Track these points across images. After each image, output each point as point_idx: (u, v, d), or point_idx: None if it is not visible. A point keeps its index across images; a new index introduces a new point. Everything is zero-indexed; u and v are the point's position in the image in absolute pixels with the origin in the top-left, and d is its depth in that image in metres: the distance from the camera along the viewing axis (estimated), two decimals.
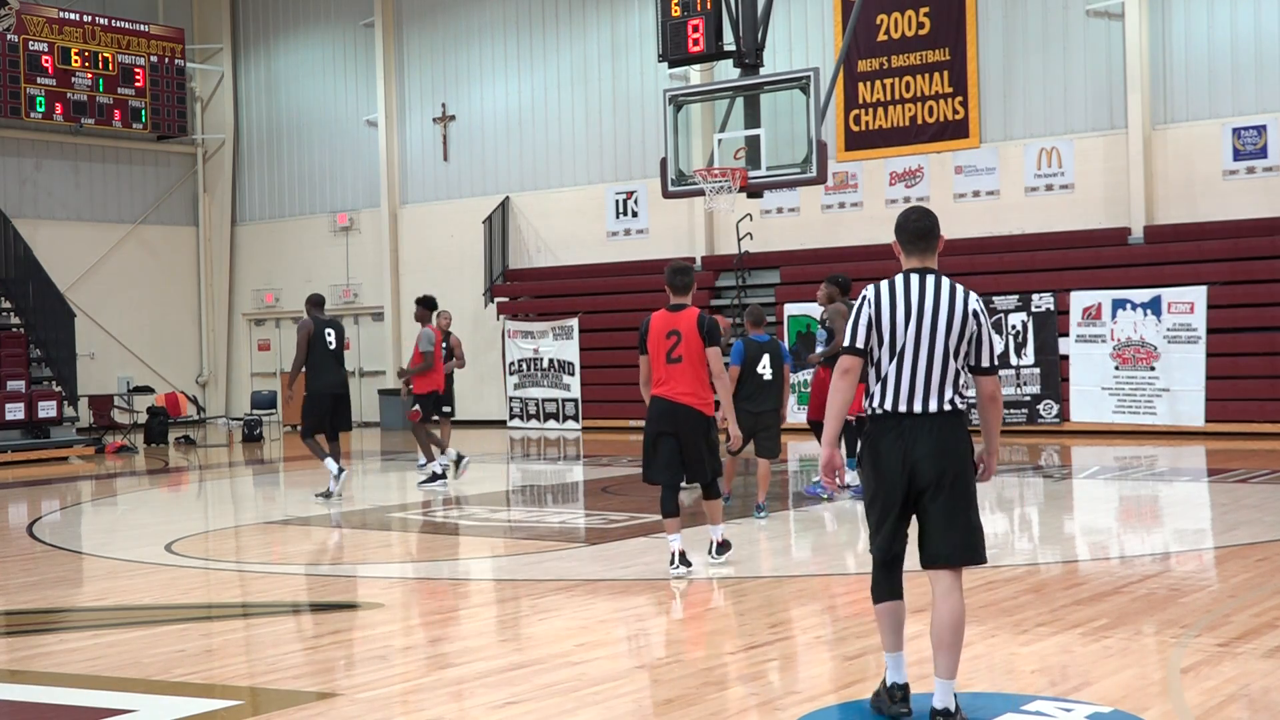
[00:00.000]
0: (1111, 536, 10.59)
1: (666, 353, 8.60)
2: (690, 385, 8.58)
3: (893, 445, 5.16)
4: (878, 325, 5.22)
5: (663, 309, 8.75)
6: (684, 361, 8.57)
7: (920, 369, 5.16)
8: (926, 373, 5.16)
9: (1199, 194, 19.10)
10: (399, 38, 27.14)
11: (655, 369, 8.67)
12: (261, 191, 29.63)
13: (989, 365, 5.28)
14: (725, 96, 16.11)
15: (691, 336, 8.55)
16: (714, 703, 5.67)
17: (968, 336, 5.22)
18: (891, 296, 5.25)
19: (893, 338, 5.20)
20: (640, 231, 24.09)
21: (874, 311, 5.23)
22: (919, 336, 5.18)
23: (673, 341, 8.58)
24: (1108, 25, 19.74)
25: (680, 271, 8.69)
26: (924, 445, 5.12)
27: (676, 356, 8.57)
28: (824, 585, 8.27)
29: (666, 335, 8.60)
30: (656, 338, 8.62)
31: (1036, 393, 19.19)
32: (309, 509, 12.91)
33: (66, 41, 26.65)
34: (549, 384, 23.65)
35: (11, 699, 6.12)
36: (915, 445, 5.13)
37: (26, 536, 11.73)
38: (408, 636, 7.31)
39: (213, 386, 29.75)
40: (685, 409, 8.59)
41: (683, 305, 8.68)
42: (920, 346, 5.17)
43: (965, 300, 5.27)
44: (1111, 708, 5.30)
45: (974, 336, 5.24)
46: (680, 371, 8.58)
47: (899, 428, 5.16)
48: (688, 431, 8.61)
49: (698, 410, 8.60)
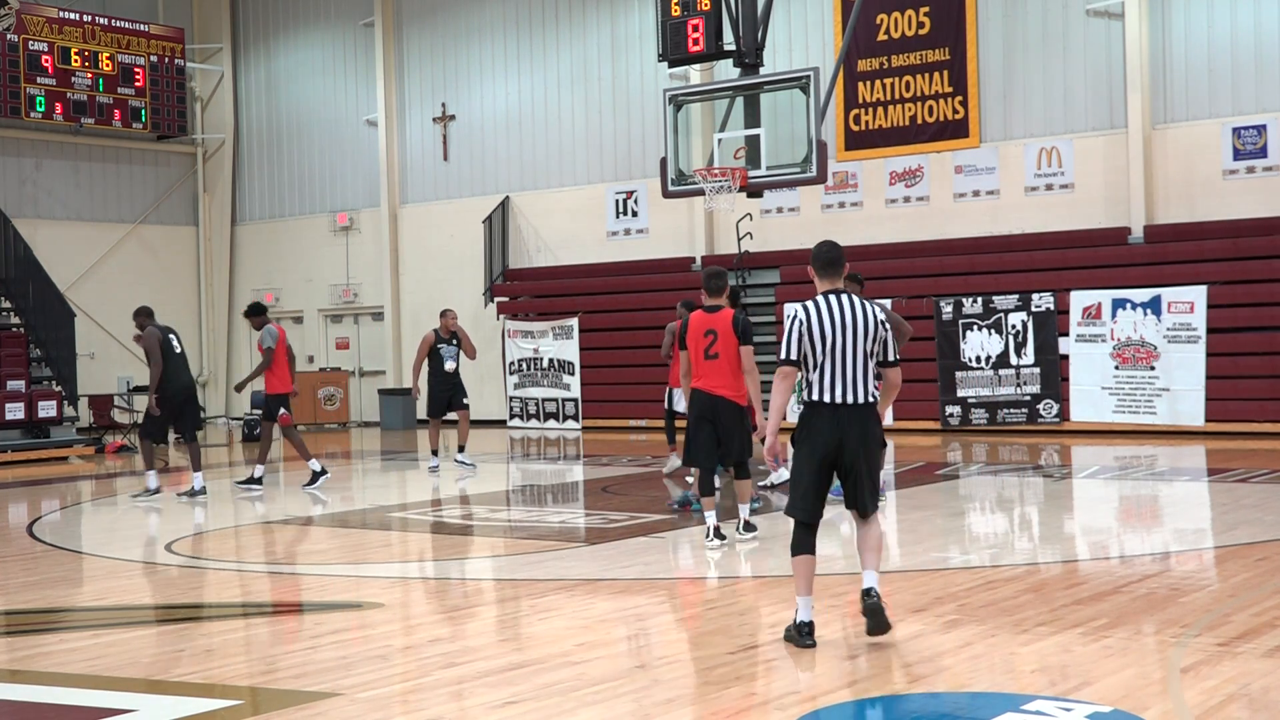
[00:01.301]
0: (1111, 536, 10.59)
1: (704, 350, 9.65)
2: (726, 379, 9.64)
3: (827, 426, 6.54)
4: (809, 337, 6.58)
5: (700, 309, 9.79)
6: (720, 358, 9.61)
7: (848, 368, 6.56)
8: (853, 371, 6.57)
9: (1199, 194, 19.09)
10: (399, 38, 27.14)
11: (695, 364, 9.74)
12: (261, 191, 29.64)
13: (893, 360, 6.73)
14: (725, 96, 16.11)
15: (727, 335, 9.60)
16: (714, 703, 5.67)
17: (878, 340, 6.63)
18: (819, 314, 6.62)
19: (824, 345, 6.56)
20: (640, 231, 24.09)
21: (805, 328, 6.60)
22: (843, 343, 6.57)
23: (710, 340, 9.62)
24: (1108, 25, 19.74)
25: (715, 275, 9.78)
26: (854, 429, 6.55)
27: (714, 353, 9.61)
28: (824, 585, 8.26)
29: (704, 334, 9.65)
30: (695, 336, 9.70)
31: (1036, 392, 19.19)
32: (309, 509, 12.91)
33: (66, 41, 26.65)
34: (549, 384, 23.66)
35: (11, 699, 6.12)
36: (848, 428, 6.54)
37: (26, 536, 11.73)
38: (408, 636, 7.31)
39: (212, 386, 29.75)
40: (721, 400, 9.66)
41: (718, 306, 9.72)
42: (846, 351, 6.57)
43: (874, 312, 6.68)
44: (1111, 707, 5.30)
45: (882, 340, 6.65)
46: (716, 367, 9.63)
47: (834, 415, 6.55)
48: (724, 420, 9.67)
49: (733, 401, 9.68)
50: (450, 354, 15.77)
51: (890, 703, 5.61)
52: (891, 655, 6.49)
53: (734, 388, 9.66)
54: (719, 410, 9.67)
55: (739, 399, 9.68)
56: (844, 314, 6.60)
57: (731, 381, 9.65)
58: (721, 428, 9.67)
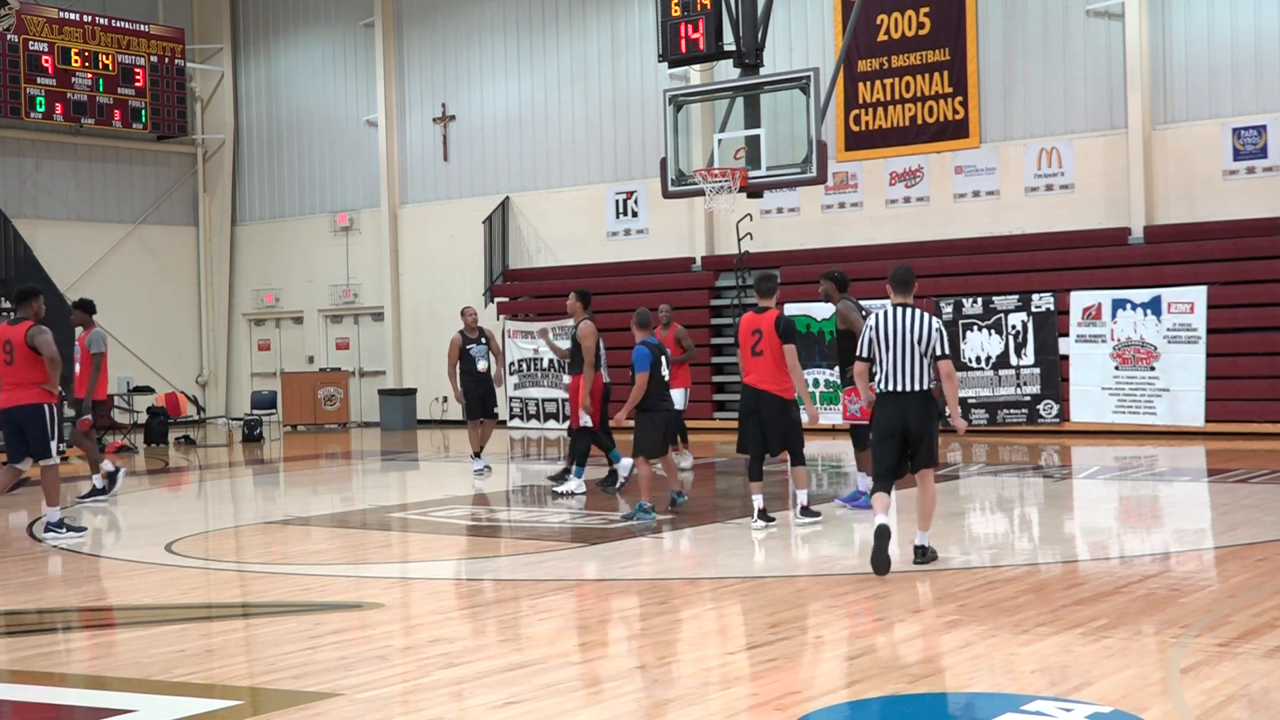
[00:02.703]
0: (1111, 536, 10.59)
1: (751, 347, 10.46)
2: (770, 374, 10.40)
3: (891, 409, 8.59)
4: (877, 342, 8.64)
5: (750, 311, 10.70)
6: (765, 355, 10.40)
7: (905, 365, 8.54)
8: (909, 367, 8.54)
9: (1199, 194, 19.10)
10: (399, 38, 27.14)
11: (743, 360, 10.63)
12: (261, 191, 29.64)
13: (942, 354, 8.54)
14: (725, 96, 16.10)
15: (770, 334, 10.39)
16: (714, 703, 5.67)
17: (930, 342, 8.52)
18: (882, 324, 8.63)
19: (887, 348, 8.59)
20: (640, 231, 24.09)
21: (873, 334, 8.68)
22: (901, 346, 8.54)
23: (756, 338, 10.43)
24: (1108, 25, 19.74)
25: (765, 279, 10.64)
26: (912, 410, 8.55)
27: (759, 351, 10.42)
28: (824, 585, 8.27)
29: (751, 333, 10.47)
30: (744, 334, 10.55)
31: (1036, 393, 19.18)
32: (309, 509, 12.91)
33: (66, 41, 26.65)
34: (549, 384, 23.64)
35: (11, 699, 6.12)
36: (908, 409, 8.54)
37: (26, 536, 11.73)
38: (408, 636, 7.31)
39: (213, 386, 29.75)
40: (765, 394, 10.42)
41: (766, 307, 10.56)
42: (903, 352, 8.54)
43: (928, 321, 8.60)
44: (1111, 708, 5.30)
45: (934, 341, 8.53)
46: (762, 363, 10.41)
47: (896, 400, 8.57)
48: (768, 412, 10.44)
49: (776, 394, 10.42)
50: (480, 353, 15.35)
51: (890, 703, 5.61)
52: (891, 655, 6.49)
53: (777, 382, 10.39)
54: (761, 403, 10.43)
55: (782, 393, 10.41)
56: (902, 323, 8.55)
57: (775, 377, 10.38)
58: (765, 419, 10.42)
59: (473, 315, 15.68)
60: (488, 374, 15.36)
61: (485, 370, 15.32)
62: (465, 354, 15.34)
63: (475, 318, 15.71)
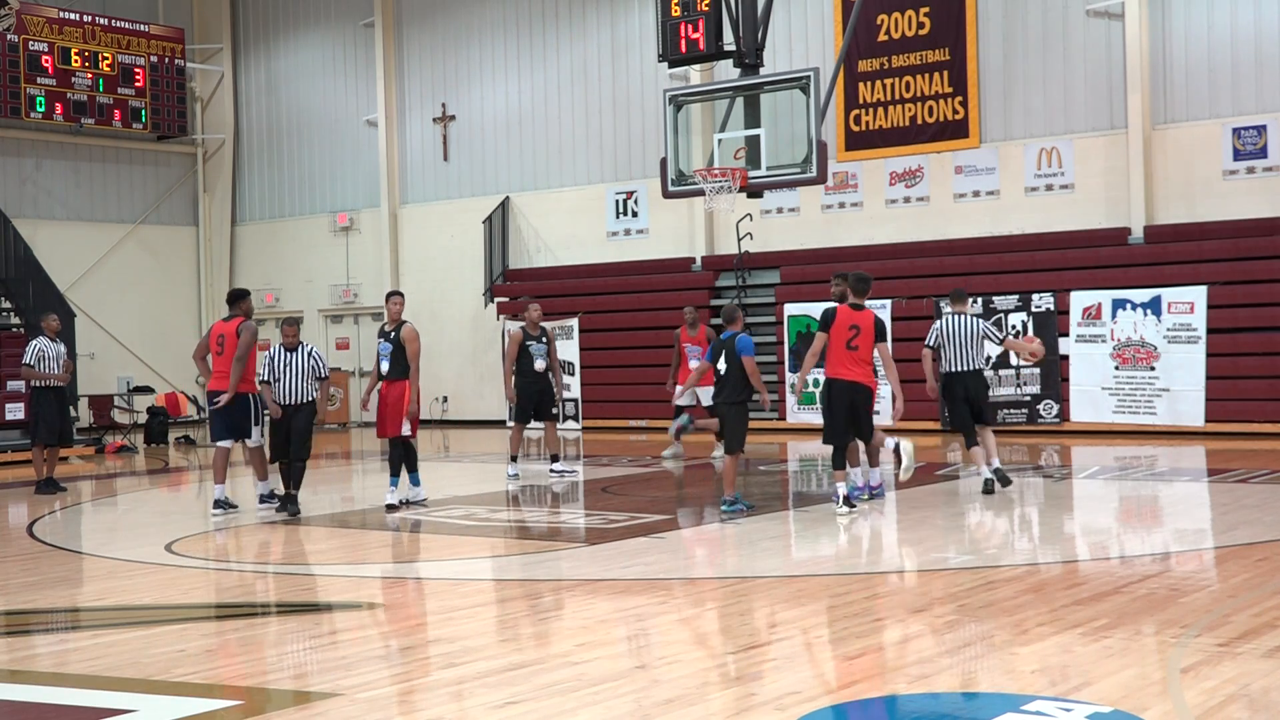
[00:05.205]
0: (1111, 536, 10.59)
1: (846, 341, 11.16)
2: (861, 369, 11.24)
3: (958, 384, 12.31)
4: (943, 337, 12.27)
5: (845, 305, 11.30)
6: (859, 350, 11.17)
7: (963, 353, 12.24)
8: (967, 353, 12.25)
9: (1199, 194, 19.10)
10: (399, 38, 27.14)
11: (832, 350, 11.22)
12: (261, 191, 29.64)
13: (999, 338, 12.43)
14: (725, 96, 16.09)
15: (868, 332, 11.18)
16: (714, 703, 5.67)
17: (982, 337, 12.20)
18: (946, 326, 12.25)
19: (950, 341, 12.22)
20: (640, 231, 24.09)
21: (940, 331, 12.32)
22: (959, 340, 12.20)
23: (853, 333, 11.14)
24: (1108, 25, 19.74)
25: (863, 280, 11.37)
26: (971, 382, 12.29)
27: (854, 346, 11.15)
28: (824, 585, 8.27)
29: (848, 328, 11.15)
30: (840, 328, 11.19)
31: (1036, 393, 19.18)
32: (309, 509, 12.91)
33: (66, 41, 26.65)
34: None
35: (11, 699, 6.12)
36: (969, 383, 12.28)
37: (26, 536, 11.73)
38: (408, 636, 7.30)
39: None
40: (858, 385, 11.24)
41: (861, 306, 11.30)
42: (961, 344, 12.22)
43: (977, 324, 12.21)
44: (1111, 708, 5.30)
45: (984, 335, 12.26)
46: (855, 358, 11.19)
47: (960, 377, 12.29)
48: (864, 403, 11.33)
49: (866, 386, 11.31)
50: (540, 352, 14.73)
51: (890, 703, 5.61)
52: (891, 655, 6.49)
53: (867, 375, 11.29)
54: (856, 395, 11.24)
55: (873, 385, 11.42)
56: (959, 326, 12.23)
57: (865, 370, 11.26)
58: (860, 411, 11.28)
59: (538, 312, 15.11)
60: (545, 375, 14.84)
61: (543, 370, 14.79)
62: (524, 351, 14.74)
63: (540, 314, 15.15)
